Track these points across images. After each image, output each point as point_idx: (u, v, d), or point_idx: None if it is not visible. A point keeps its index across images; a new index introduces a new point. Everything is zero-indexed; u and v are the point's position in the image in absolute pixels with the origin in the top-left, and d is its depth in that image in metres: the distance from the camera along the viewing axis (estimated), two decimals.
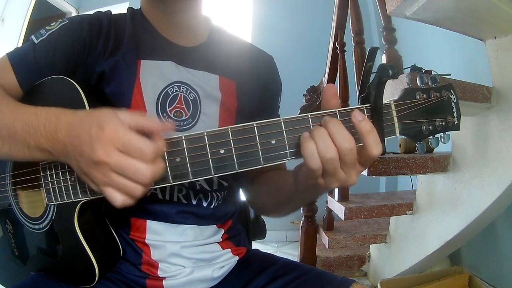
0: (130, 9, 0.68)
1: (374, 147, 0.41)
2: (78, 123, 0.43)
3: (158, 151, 0.41)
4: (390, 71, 0.43)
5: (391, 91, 1.04)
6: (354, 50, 1.54)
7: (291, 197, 0.56)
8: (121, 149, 0.39)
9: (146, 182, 0.40)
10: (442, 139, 0.47)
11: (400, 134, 0.46)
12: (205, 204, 0.65)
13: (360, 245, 1.74)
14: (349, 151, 0.41)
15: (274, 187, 0.64)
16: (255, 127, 0.43)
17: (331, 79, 1.88)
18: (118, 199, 0.41)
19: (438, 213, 1.39)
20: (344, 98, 1.66)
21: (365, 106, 0.45)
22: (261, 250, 0.75)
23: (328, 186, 0.44)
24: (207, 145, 0.43)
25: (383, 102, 0.45)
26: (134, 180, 0.40)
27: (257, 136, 0.43)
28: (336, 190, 1.64)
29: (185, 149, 0.43)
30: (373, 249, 1.85)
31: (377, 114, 0.44)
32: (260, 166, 0.43)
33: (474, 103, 1.14)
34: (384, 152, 0.44)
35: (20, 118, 0.46)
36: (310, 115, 0.43)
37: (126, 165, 0.39)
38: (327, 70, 1.89)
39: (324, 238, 1.75)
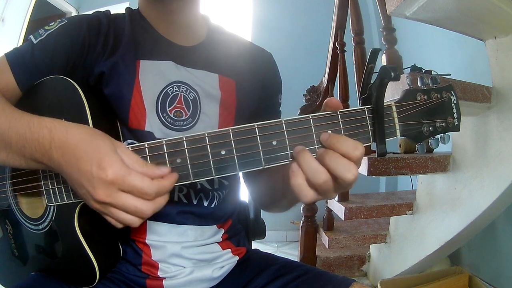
0: (128, 9, 0.67)
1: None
2: (73, 148, 0.41)
3: (160, 190, 0.41)
4: (392, 73, 0.43)
5: (391, 91, 1.04)
6: (354, 50, 1.54)
7: (284, 195, 0.56)
8: (123, 190, 0.40)
9: (145, 217, 0.42)
10: (442, 140, 0.47)
11: (401, 136, 0.46)
12: (205, 204, 0.65)
13: (360, 245, 1.74)
14: (353, 180, 0.40)
15: (271, 184, 0.64)
16: (256, 128, 0.43)
17: (331, 79, 1.88)
18: (118, 225, 0.43)
19: (438, 213, 1.39)
20: (344, 98, 1.66)
21: (366, 108, 0.45)
22: (261, 250, 0.75)
23: (329, 198, 0.44)
24: (208, 146, 0.43)
25: (384, 103, 0.45)
26: (134, 215, 0.41)
27: (258, 137, 0.43)
28: None
29: (186, 150, 0.43)
30: (373, 249, 1.85)
31: (378, 116, 0.44)
32: (261, 167, 0.43)
33: (474, 103, 1.14)
34: (384, 153, 0.43)
35: (14, 128, 0.45)
36: (311, 116, 0.43)
37: (128, 205, 0.40)
38: (327, 70, 1.89)
39: (324, 238, 1.75)
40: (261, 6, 2.84)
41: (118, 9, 0.69)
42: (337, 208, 1.57)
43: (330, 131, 0.43)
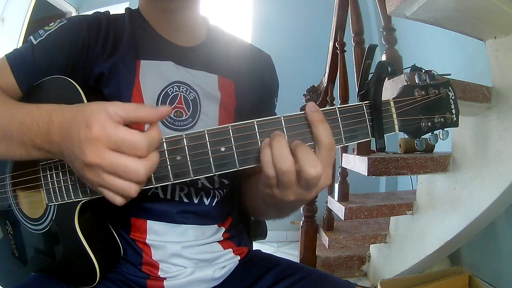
0: (127, 9, 0.67)
1: (325, 137, 0.41)
2: (68, 123, 0.40)
3: (152, 143, 0.39)
4: (389, 68, 0.43)
5: (391, 91, 1.04)
6: (354, 50, 1.54)
7: (261, 204, 0.55)
8: (112, 147, 0.37)
9: (140, 180, 0.39)
10: (441, 136, 0.47)
11: (399, 131, 0.46)
12: (206, 202, 0.65)
13: (360, 245, 1.74)
14: (315, 177, 0.39)
15: (250, 192, 0.65)
16: (256, 125, 0.43)
17: (331, 79, 1.88)
18: (117, 199, 0.40)
19: (438, 213, 1.39)
20: (344, 98, 1.66)
21: (365, 103, 0.45)
22: (262, 251, 0.75)
23: (284, 198, 0.43)
24: (208, 143, 0.43)
25: (382, 99, 0.45)
26: (128, 179, 0.38)
27: (257, 133, 0.43)
28: (336, 190, 1.64)
29: (186, 147, 0.43)
30: (373, 249, 1.85)
31: (377, 111, 0.44)
32: (260, 164, 0.43)
33: (474, 103, 1.14)
34: (383, 148, 0.44)
35: (15, 117, 0.46)
36: None
37: (118, 165, 0.37)
38: (327, 70, 1.89)
39: (324, 238, 1.75)
40: (261, 6, 2.85)
41: (118, 9, 0.69)
42: (337, 208, 1.57)
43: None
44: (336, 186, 1.65)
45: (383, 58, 1.46)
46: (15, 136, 0.45)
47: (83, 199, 0.50)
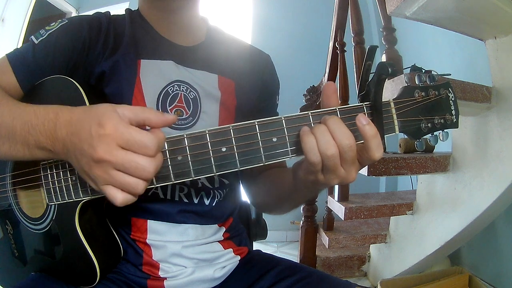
0: (128, 10, 0.68)
1: (376, 151, 0.42)
2: (77, 120, 0.41)
3: (160, 143, 0.40)
4: (389, 69, 0.43)
5: (391, 91, 1.04)
6: (354, 50, 1.54)
7: (291, 194, 0.56)
8: (123, 145, 0.39)
9: (149, 177, 0.40)
10: (441, 137, 0.47)
11: (399, 132, 0.46)
12: (207, 202, 0.65)
13: (360, 245, 1.74)
14: (349, 148, 0.41)
15: (274, 184, 0.65)
16: (257, 125, 0.43)
17: (331, 79, 1.88)
18: (119, 197, 0.40)
19: (438, 213, 1.39)
20: (344, 98, 1.66)
21: (365, 104, 0.45)
22: (262, 251, 0.75)
23: (328, 182, 0.44)
24: (209, 143, 0.43)
25: (383, 100, 0.45)
26: (137, 176, 0.39)
27: (258, 134, 0.43)
28: (336, 190, 1.64)
29: (187, 147, 0.43)
30: (373, 249, 1.85)
31: (377, 112, 0.44)
32: (261, 164, 0.43)
33: (474, 103, 1.14)
34: (384, 149, 0.44)
35: (19, 117, 0.46)
36: (311, 113, 0.44)
37: (129, 162, 0.38)
38: (327, 70, 1.89)
39: (324, 238, 1.75)
40: (261, 6, 2.85)
41: (118, 9, 0.69)
42: (337, 208, 1.57)
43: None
44: (336, 186, 1.65)
45: (383, 58, 1.46)
46: (19, 136, 0.45)
47: (83, 198, 0.51)
